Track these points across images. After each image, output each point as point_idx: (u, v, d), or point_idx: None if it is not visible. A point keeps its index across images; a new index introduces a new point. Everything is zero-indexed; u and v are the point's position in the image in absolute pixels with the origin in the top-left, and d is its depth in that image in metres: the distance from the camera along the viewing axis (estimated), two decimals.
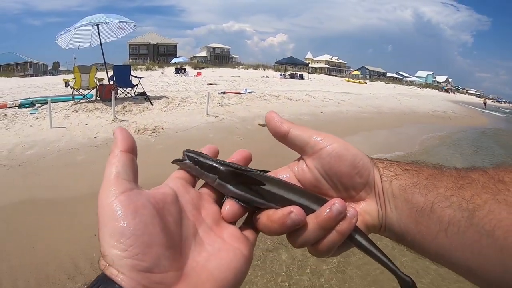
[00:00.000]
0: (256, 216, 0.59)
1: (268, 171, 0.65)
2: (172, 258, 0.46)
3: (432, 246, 0.57)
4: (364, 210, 0.61)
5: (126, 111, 12.38)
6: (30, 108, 12.36)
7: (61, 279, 4.20)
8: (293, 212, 0.55)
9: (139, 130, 10.20)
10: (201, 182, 0.62)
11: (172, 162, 0.61)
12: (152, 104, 13.71)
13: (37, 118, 11.01)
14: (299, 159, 0.66)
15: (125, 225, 0.43)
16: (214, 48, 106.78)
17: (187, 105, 14.14)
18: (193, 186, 0.60)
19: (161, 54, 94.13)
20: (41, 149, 8.44)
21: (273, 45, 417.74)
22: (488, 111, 44.27)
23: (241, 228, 0.59)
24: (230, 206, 0.58)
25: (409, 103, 27.95)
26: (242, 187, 0.58)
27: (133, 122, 11.12)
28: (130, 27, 14.49)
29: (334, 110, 17.70)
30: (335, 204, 0.55)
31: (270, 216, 0.57)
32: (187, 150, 0.60)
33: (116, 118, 11.33)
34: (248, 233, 0.59)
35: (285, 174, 0.65)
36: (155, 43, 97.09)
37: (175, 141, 9.78)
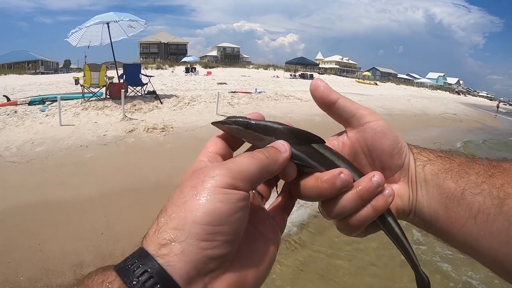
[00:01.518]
0: (302, 180, 0.58)
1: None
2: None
3: (460, 234, 0.56)
4: (397, 192, 0.60)
5: (135, 110, 12.37)
6: (40, 106, 12.42)
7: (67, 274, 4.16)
8: (343, 173, 0.55)
9: (148, 129, 10.18)
10: None
11: (213, 124, 0.60)
12: (161, 102, 13.71)
13: (47, 116, 11.05)
14: (339, 134, 0.65)
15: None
16: (224, 48, 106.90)
17: (196, 104, 14.12)
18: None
19: (171, 53, 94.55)
20: (50, 146, 8.46)
21: (283, 45, 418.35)
22: (500, 115, 43.33)
23: (271, 211, 0.61)
24: (291, 166, 0.57)
25: (420, 104, 27.80)
26: (299, 147, 0.58)
27: (143, 120, 11.11)
28: (141, 26, 14.50)
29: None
30: (375, 176, 0.57)
31: (319, 177, 0.56)
32: (231, 117, 0.58)
33: (126, 116, 11.32)
34: (278, 218, 0.60)
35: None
36: (166, 42, 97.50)
37: (184, 140, 9.74)
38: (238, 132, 0.57)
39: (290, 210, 0.63)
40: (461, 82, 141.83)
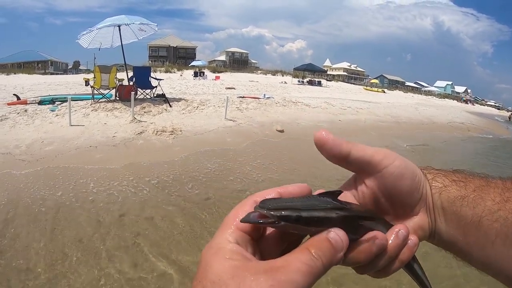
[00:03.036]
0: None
1: (340, 192, 0.55)
2: None
3: (480, 257, 0.57)
4: (418, 224, 0.61)
5: (145, 112, 12.38)
6: (50, 105, 12.49)
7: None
8: (378, 238, 0.53)
9: (157, 131, 10.19)
10: None
11: (243, 221, 0.48)
12: (171, 106, 13.72)
13: (57, 116, 11.09)
14: (355, 182, 0.62)
15: None
16: (233, 53, 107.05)
17: (205, 109, 14.12)
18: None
19: (180, 57, 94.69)
20: (59, 145, 8.49)
21: (291, 51, 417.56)
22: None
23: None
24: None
25: (427, 113, 27.62)
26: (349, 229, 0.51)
27: (152, 123, 11.11)
28: (152, 29, 14.58)
29: (352, 118, 17.55)
30: (400, 230, 0.57)
31: (355, 248, 0.52)
32: (266, 206, 0.46)
33: (135, 118, 11.33)
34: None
35: (346, 198, 0.60)
36: (175, 46, 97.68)
37: (193, 143, 9.76)
38: (284, 227, 0.47)
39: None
40: (469, 90, 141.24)
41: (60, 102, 12.91)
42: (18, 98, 13.88)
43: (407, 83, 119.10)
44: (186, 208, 6.05)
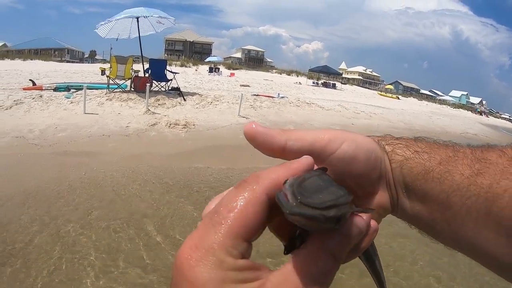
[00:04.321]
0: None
1: (326, 168, 0.48)
2: None
3: (448, 235, 0.53)
4: (378, 203, 0.55)
5: (159, 104, 12.41)
6: (65, 92, 12.53)
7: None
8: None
9: (170, 124, 10.21)
10: None
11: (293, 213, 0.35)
12: (185, 99, 13.73)
13: (71, 103, 11.16)
14: None
15: None
16: (249, 50, 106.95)
17: (219, 104, 14.12)
18: None
19: (196, 52, 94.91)
20: (72, 132, 8.53)
21: (307, 52, 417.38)
22: None
23: None
24: None
25: (441, 122, 27.42)
26: None
27: (165, 115, 11.13)
28: (169, 23, 14.58)
29: (365, 123, 17.43)
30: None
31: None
32: (308, 202, 0.35)
33: (149, 110, 11.38)
34: None
35: None
36: (191, 41, 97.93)
37: (205, 138, 9.76)
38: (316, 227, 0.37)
39: None
40: (484, 102, 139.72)
41: (75, 90, 12.96)
42: (34, 83, 13.95)
43: (422, 91, 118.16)
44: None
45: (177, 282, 0.34)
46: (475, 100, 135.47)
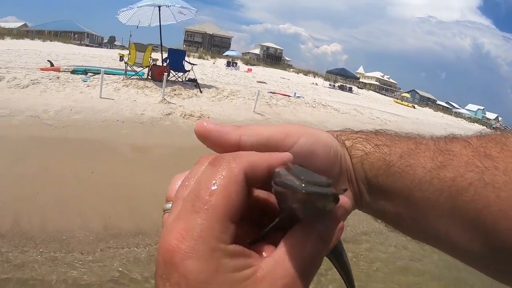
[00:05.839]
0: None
1: None
2: None
3: (413, 229, 0.53)
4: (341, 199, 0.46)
5: (175, 94, 12.40)
6: (82, 76, 12.59)
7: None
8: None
9: (185, 115, 10.18)
10: None
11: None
12: (201, 91, 13.71)
13: (88, 86, 11.19)
14: None
15: None
16: (267, 47, 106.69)
17: (235, 99, 14.08)
18: None
19: (215, 45, 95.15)
20: (87, 115, 8.54)
21: (326, 53, 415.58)
22: None
23: None
24: None
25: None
26: None
27: (181, 106, 11.11)
28: (191, 14, 14.58)
29: (379, 129, 17.35)
30: None
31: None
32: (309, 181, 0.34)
33: (165, 99, 11.36)
34: None
35: None
36: (211, 33, 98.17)
37: None
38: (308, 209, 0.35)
39: None
40: (500, 118, 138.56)
41: (92, 74, 13.03)
42: (52, 64, 14.05)
43: (438, 102, 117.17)
44: None
45: (166, 276, 0.32)
46: (491, 115, 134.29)
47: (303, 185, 0.32)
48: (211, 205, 0.33)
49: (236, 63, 43.19)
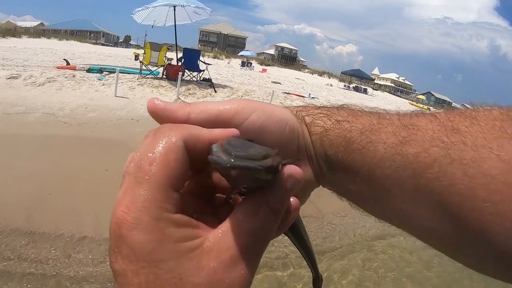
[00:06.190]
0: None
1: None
2: None
3: (375, 208, 0.52)
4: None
5: (189, 94, 12.42)
6: (98, 74, 12.67)
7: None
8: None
9: None
10: None
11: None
12: (215, 91, 13.71)
13: (103, 85, 11.24)
14: None
15: None
16: (282, 48, 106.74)
17: (249, 99, 13.98)
18: None
19: (229, 45, 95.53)
20: (102, 114, 8.58)
21: (341, 54, 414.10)
22: None
23: None
24: None
25: None
26: None
27: None
28: (206, 14, 14.58)
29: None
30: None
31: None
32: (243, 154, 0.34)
33: (179, 98, 11.42)
34: None
35: None
36: (226, 33, 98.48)
37: None
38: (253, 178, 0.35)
39: None
40: None
41: (108, 73, 13.11)
42: (68, 63, 14.18)
43: (454, 104, 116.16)
44: None
45: (117, 249, 0.32)
46: None
47: (232, 160, 0.32)
48: (152, 174, 0.33)
49: (251, 63, 43.24)
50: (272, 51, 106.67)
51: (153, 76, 13.58)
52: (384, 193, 0.47)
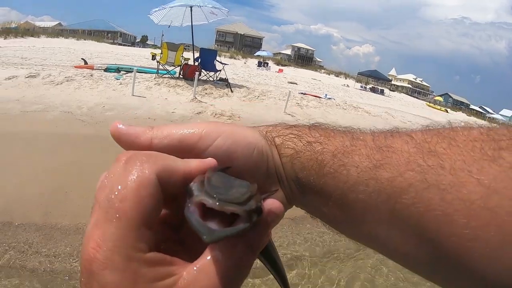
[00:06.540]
0: None
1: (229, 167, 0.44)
2: None
3: (349, 231, 0.51)
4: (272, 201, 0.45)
5: (206, 93, 12.47)
6: (115, 74, 12.82)
7: None
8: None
9: (215, 114, 10.20)
10: None
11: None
12: (232, 91, 13.74)
13: (120, 84, 11.35)
14: None
15: None
16: (299, 48, 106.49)
17: (266, 99, 14.06)
18: None
19: (246, 45, 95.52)
20: (119, 112, 8.66)
21: (358, 55, 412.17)
22: None
23: None
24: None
25: None
26: None
27: (212, 105, 11.15)
28: (222, 14, 14.61)
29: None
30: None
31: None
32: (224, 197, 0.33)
33: (196, 98, 11.43)
34: None
35: None
36: (242, 34, 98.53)
37: None
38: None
39: None
40: None
41: (125, 72, 13.26)
42: (86, 62, 14.34)
43: (472, 106, 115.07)
44: None
45: (88, 283, 0.31)
46: None
47: (215, 232, 0.31)
48: (123, 213, 0.31)
49: (267, 63, 43.18)
50: (288, 51, 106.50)
51: (170, 75, 13.67)
52: (358, 217, 0.46)
